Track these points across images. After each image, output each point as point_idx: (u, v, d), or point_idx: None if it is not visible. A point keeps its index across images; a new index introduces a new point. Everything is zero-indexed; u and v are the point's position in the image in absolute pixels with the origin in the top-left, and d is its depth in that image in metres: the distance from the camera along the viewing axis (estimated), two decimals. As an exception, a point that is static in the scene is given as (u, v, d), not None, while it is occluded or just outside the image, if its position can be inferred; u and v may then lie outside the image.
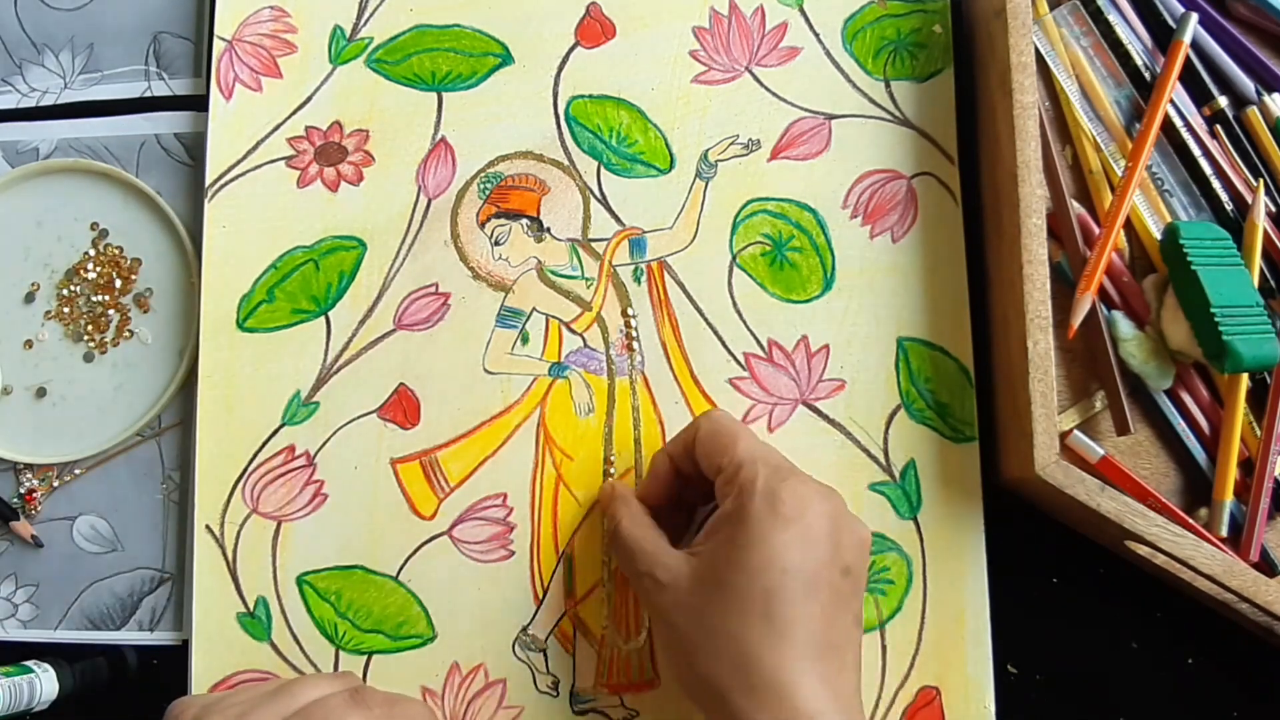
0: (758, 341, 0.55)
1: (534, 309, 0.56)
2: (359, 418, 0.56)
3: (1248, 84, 0.55)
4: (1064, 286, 0.53)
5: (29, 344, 0.60)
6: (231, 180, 0.58)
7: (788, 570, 0.43)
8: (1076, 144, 0.55)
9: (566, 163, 0.57)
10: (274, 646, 0.54)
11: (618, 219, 0.57)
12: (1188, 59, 0.54)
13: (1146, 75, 0.55)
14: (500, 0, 0.59)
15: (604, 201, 0.57)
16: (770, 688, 0.42)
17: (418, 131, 0.58)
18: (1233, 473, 0.51)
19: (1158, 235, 0.53)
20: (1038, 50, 0.54)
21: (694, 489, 0.50)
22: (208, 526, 0.55)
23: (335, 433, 0.56)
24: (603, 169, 0.57)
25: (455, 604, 0.53)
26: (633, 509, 0.50)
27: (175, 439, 0.58)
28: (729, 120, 0.57)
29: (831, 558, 0.44)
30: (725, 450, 0.46)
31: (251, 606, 0.55)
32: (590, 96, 0.58)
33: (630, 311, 0.56)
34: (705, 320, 0.55)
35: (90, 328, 0.60)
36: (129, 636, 0.57)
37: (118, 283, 0.60)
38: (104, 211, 0.61)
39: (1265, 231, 0.53)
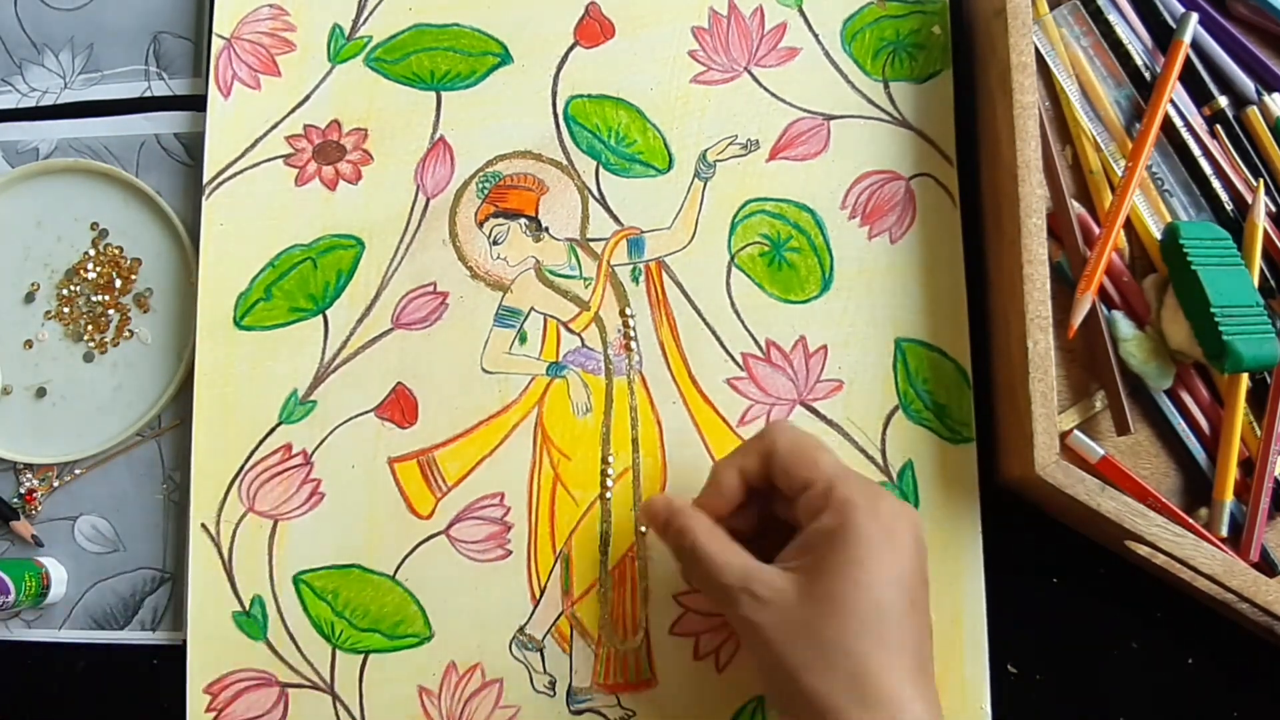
0: (756, 342, 0.55)
1: (532, 308, 0.56)
2: (356, 416, 0.56)
3: (1248, 84, 0.55)
4: (1064, 286, 0.53)
5: (29, 344, 0.60)
6: (229, 178, 0.58)
7: (894, 585, 0.43)
8: (1076, 144, 0.55)
9: (565, 162, 0.58)
10: (270, 645, 0.54)
11: (616, 219, 0.57)
12: (1188, 59, 0.54)
13: (1146, 75, 0.55)
14: (499, 0, 0.59)
15: (602, 201, 0.57)
16: (885, 704, 0.41)
17: (416, 130, 0.58)
18: (1233, 473, 0.51)
19: (1158, 235, 0.53)
20: (1038, 50, 0.54)
21: (749, 512, 0.49)
22: (203, 525, 0.55)
23: (332, 431, 0.56)
24: (601, 169, 0.57)
25: (452, 603, 0.53)
26: (704, 522, 0.48)
27: (175, 439, 0.58)
28: (728, 120, 0.57)
29: (922, 572, 0.44)
30: (812, 466, 0.46)
31: (247, 605, 0.55)
32: (589, 96, 0.58)
33: (628, 311, 0.56)
34: (703, 320, 0.55)
35: (90, 328, 0.60)
36: (132, 636, 0.57)
37: (118, 283, 0.60)
38: (104, 211, 0.61)
39: (1265, 231, 0.53)
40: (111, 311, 0.60)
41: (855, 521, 0.43)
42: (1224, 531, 0.51)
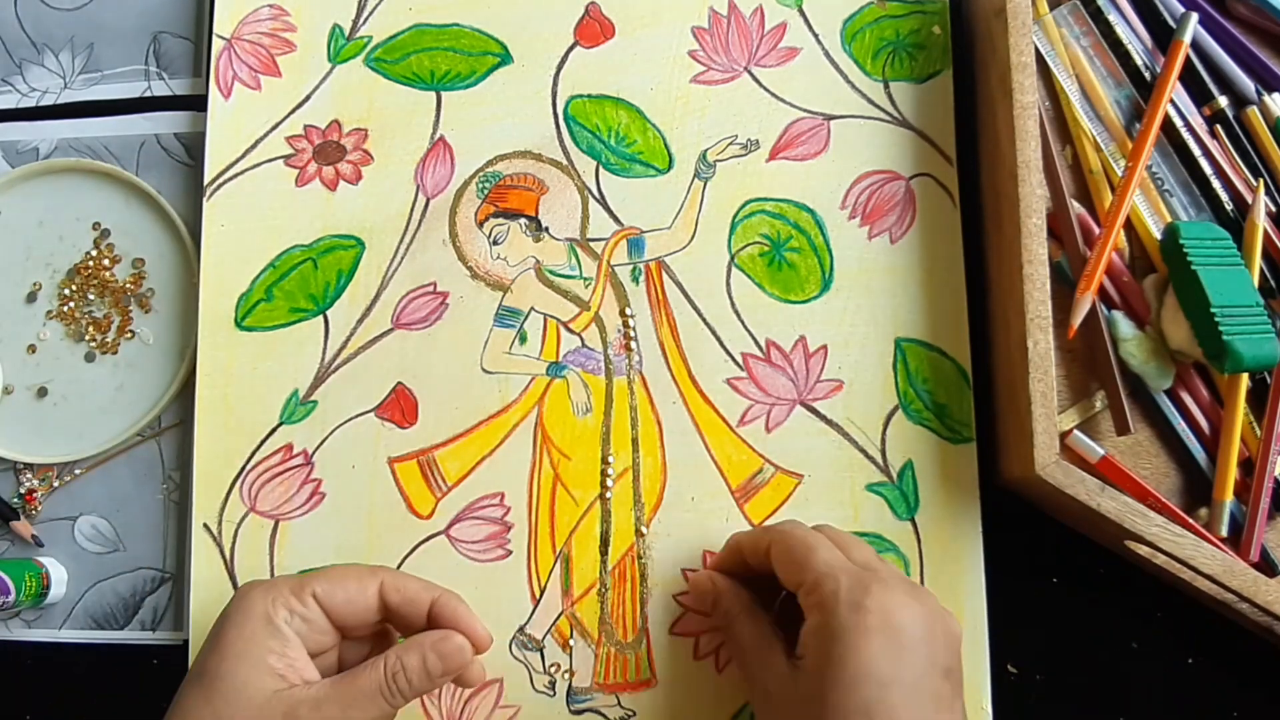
0: (756, 342, 0.55)
1: (532, 308, 0.56)
2: (357, 417, 0.56)
3: (1248, 84, 0.55)
4: (1064, 286, 0.53)
5: (32, 349, 0.60)
6: (230, 179, 0.58)
7: (886, 683, 0.41)
8: (1076, 144, 0.55)
9: (565, 162, 0.58)
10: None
11: (616, 219, 0.57)
12: (1188, 59, 0.54)
13: (1146, 75, 0.55)
14: (499, 0, 0.59)
15: (602, 201, 0.57)
16: None
17: (416, 130, 0.58)
18: (1233, 473, 0.51)
19: (1158, 235, 0.53)
20: (1038, 50, 0.54)
21: (760, 585, 0.50)
22: (205, 525, 0.55)
23: (333, 432, 0.56)
24: (601, 169, 0.57)
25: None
26: (744, 600, 0.49)
27: (175, 439, 0.58)
28: (728, 120, 0.57)
29: (929, 662, 0.42)
30: (802, 563, 0.45)
31: (249, 605, 0.55)
32: (589, 96, 0.58)
33: (628, 311, 0.56)
34: (703, 320, 0.55)
35: (91, 328, 0.60)
36: (132, 636, 0.57)
37: (119, 283, 0.60)
38: (106, 211, 0.61)
39: (1265, 231, 0.53)
40: (113, 312, 0.60)
41: (836, 620, 0.43)
42: (1224, 531, 0.51)
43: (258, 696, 0.44)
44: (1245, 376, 0.51)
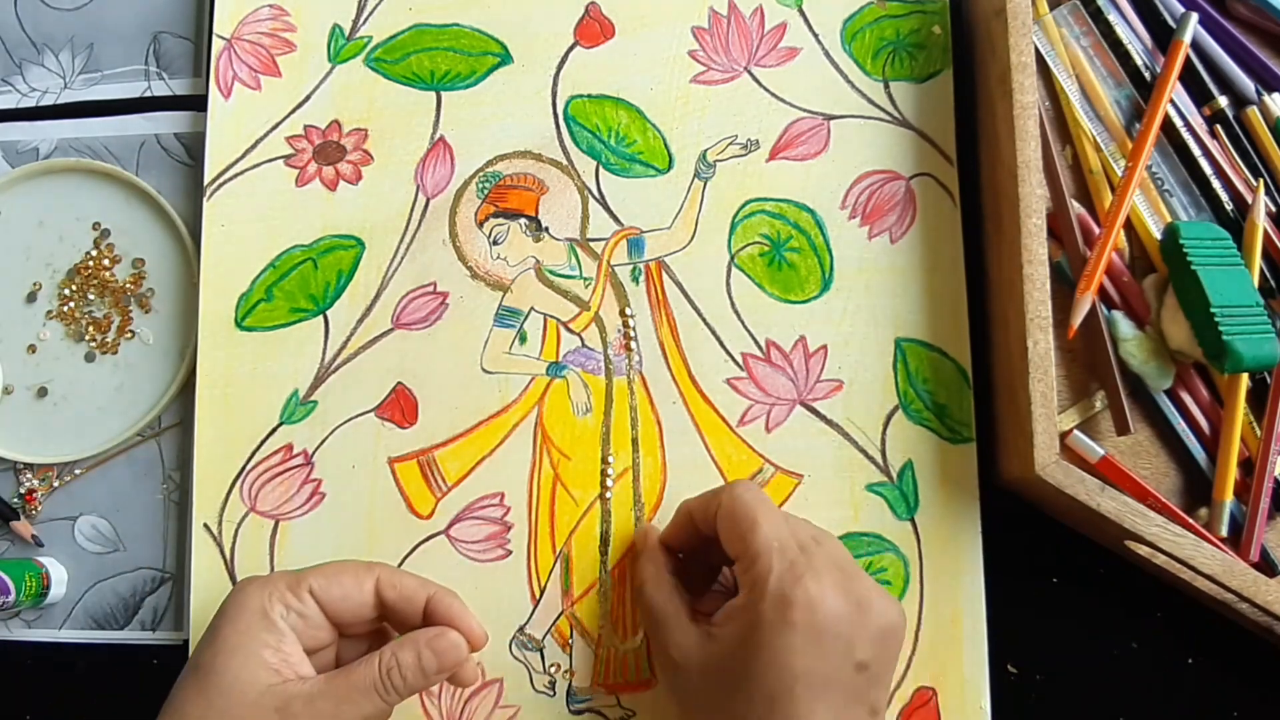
0: (756, 342, 0.55)
1: (532, 308, 0.56)
2: (357, 417, 0.56)
3: (1248, 84, 0.55)
4: (1064, 286, 0.53)
5: (32, 349, 0.60)
6: (230, 179, 0.58)
7: (795, 675, 0.41)
8: (1076, 144, 0.55)
9: (565, 162, 0.58)
10: (271, 645, 0.54)
11: (616, 219, 0.57)
12: (1188, 59, 0.54)
13: (1146, 75, 0.55)
14: (499, 0, 0.59)
15: (602, 201, 0.57)
16: None
17: (416, 130, 0.58)
18: (1233, 473, 0.51)
19: (1158, 235, 0.53)
20: (1038, 50, 0.54)
21: (716, 548, 0.49)
22: (205, 525, 0.55)
23: (333, 432, 0.56)
24: (601, 169, 0.57)
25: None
26: (657, 566, 0.49)
27: (175, 439, 0.58)
28: (728, 120, 0.57)
29: (844, 656, 0.42)
30: (743, 536, 0.45)
31: (249, 605, 0.55)
32: (589, 96, 0.58)
33: (628, 311, 0.56)
34: (703, 320, 0.55)
35: (91, 328, 0.60)
36: (132, 636, 0.57)
37: (119, 283, 0.60)
38: (106, 211, 0.61)
39: (1265, 231, 0.53)
40: (113, 312, 0.60)
41: (759, 607, 0.43)
42: (1224, 531, 0.51)
43: (251, 690, 0.44)
44: (1245, 376, 0.51)
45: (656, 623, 0.47)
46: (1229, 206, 0.54)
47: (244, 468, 0.56)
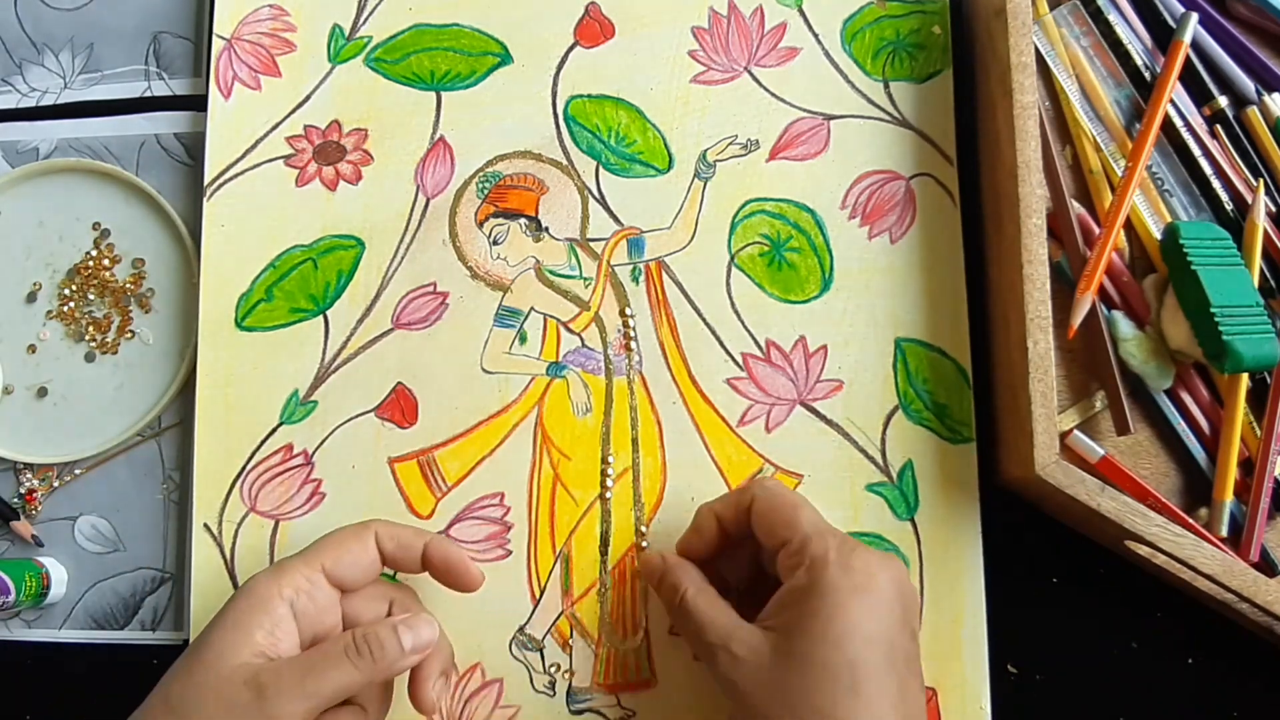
0: (756, 342, 0.55)
1: (532, 308, 0.56)
2: (357, 417, 0.56)
3: (1248, 84, 0.55)
4: (1064, 286, 0.53)
5: (32, 349, 0.60)
6: (230, 179, 0.58)
7: (870, 640, 0.42)
8: (1076, 144, 0.55)
9: (565, 162, 0.58)
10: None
11: (616, 219, 0.57)
12: (1188, 59, 0.54)
13: (1146, 75, 0.55)
14: (499, 0, 0.59)
15: (602, 201, 0.57)
16: None
17: (416, 131, 0.58)
18: (1233, 473, 0.51)
19: (1158, 235, 0.53)
20: (1038, 50, 0.54)
21: (737, 556, 0.50)
22: (205, 525, 0.55)
23: (333, 432, 0.56)
24: (601, 169, 0.57)
25: (452, 603, 0.53)
26: (695, 577, 0.49)
27: (175, 439, 0.58)
28: (728, 120, 0.57)
29: (903, 623, 0.44)
30: (789, 523, 0.46)
31: (249, 605, 0.55)
32: (589, 96, 0.58)
33: (628, 311, 0.56)
34: (703, 320, 0.55)
35: (91, 328, 0.60)
36: (132, 636, 0.57)
37: (120, 283, 0.60)
38: (106, 211, 0.61)
39: (1265, 231, 0.53)
40: (113, 312, 0.60)
41: (826, 578, 0.43)
42: (1224, 531, 0.51)
43: (228, 665, 0.44)
44: (1245, 376, 0.51)
45: (708, 626, 0.46)
46: (1229, 206, 0.53)
47: (244, 468, 0.56)
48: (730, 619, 0.46)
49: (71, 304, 0.60)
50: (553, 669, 0.53)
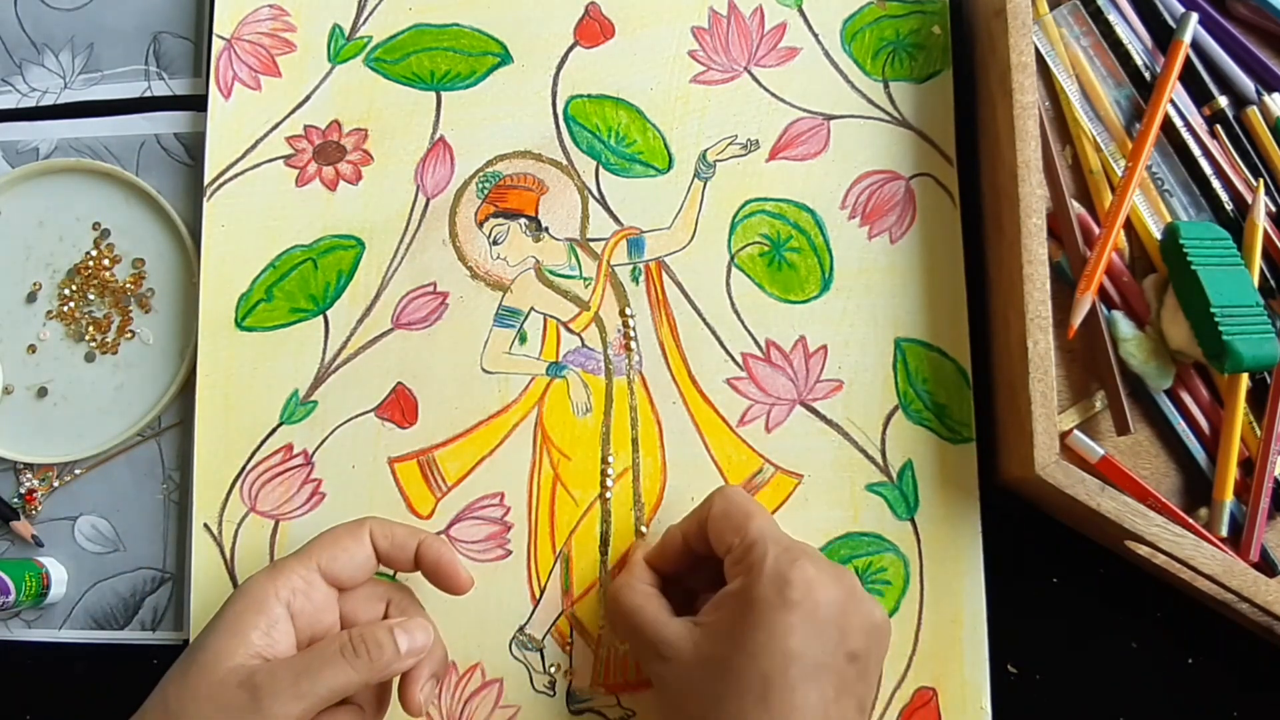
0: (755, 342, 0.55)
1: (532, 308, 0.56)
2: (357, 417, 0.56)
3: (1248, 84, 0.55)
4: (1064, 286, 0.53)
5: (32, 349, 0.60)
6: (230, 179, 0.58)
7: (790, 655, 0.42)
8: (1076, 144, 0.55)
9: (565, 162, 0.58)
10: (271, 645, 0.54)
11: (616, 219, 0.57)
12: (1188, 59, 0.54)
13: (1146, 75, 0.55)
14: (499, 0, 0.59)
15: (602, 201, 0.57)
16: None
17: (416, 131, 0.58)
18: (1233, 473, 0.51)
19: (1158, 235, 0.53)
20: (1038, 50, 0.54)
21: (703, 571, 0.49)
22: (205, 525, 0.55)
23: (333, 432, 0.56)
24: (601, 169, 0.57)
25: (452, 603, 0.53)
26: (635, 574, 0.49)
27: (175, 439, 0.58)
28: (728, 120, 0.57)
29: (838, 644, 0.43)
30: (738, 529, 0.46)
31: (249, 605, 0.55)
32: (589, 96, 0.58)
33: (628, 311, 0.56)
34: (703, 320, 0.55)
35: (91, 328, 0.60)
36: (132, 636, 0.57)
37: (120, 283, 0.60)
38: (106, 211, 0.61)
39: (1265, 231, 0.53)
40: (113, 312, 0.60)
41: (757, 587, 0.43)
42: (1224, 531, 0.51)
43: (223, 667, 0.44)
44: (1245, 376, 0.51)
45: (639, 623, 0.47)
46: (1229, 206, 0.54)
47: (244, 468, 0.56)
48: (659, 615, 0.46)
49: (71, 304, 0.60)
50: (553, 669, 0.53)
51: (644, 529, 0.54)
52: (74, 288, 0.60)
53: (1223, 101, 0.55)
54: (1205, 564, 0.48)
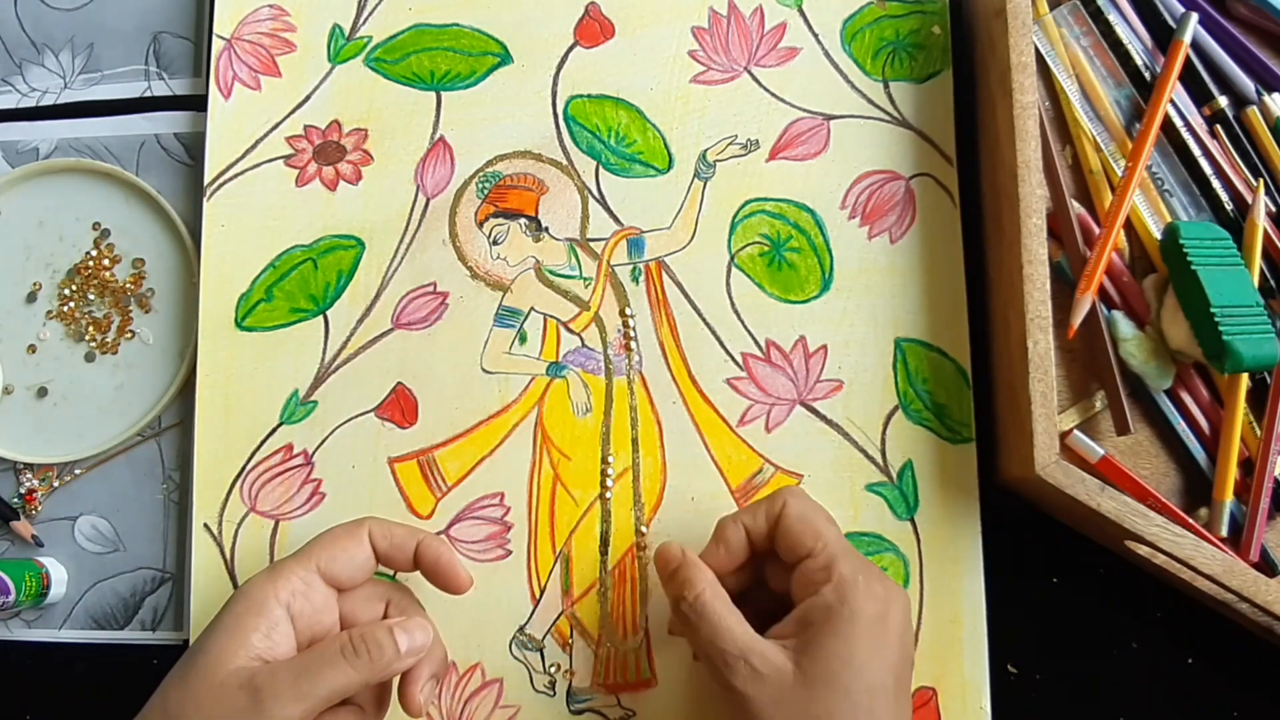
0: (755, 342, 0.55)
1: (532, 308, 0.56)
2: (357, 417, 0.56)
3: (1248, 84, 0.55)
4: (1064, 286, 0.53)
5: (32, 349, 0.60)
6: (230, 179, 0.58)
7: (887, 667, 0.43)
8: (1076, 144, 0.55)
9: (565, 162, 0.58)
10: (271, 645, 0.54)
11: (616, 219, 0.57)
12: (1188, 59, 0.54)
13: (1146, 75, 0.55)
14: (499, 0, 0.59)
15: (602, 201, 0.57)
16: None
17: (416, 131, 0.58)
18: (1233, 473, 0.51)
19: (1158, 235, 0.53)
20: (1038, 50, 0.54)
21: (744, 571, 0.49)
22: (205, 525, 0.55)
23: (333, 432, 0.56)
24: (601, 169, 0.57)
25: (452, 603, 0.53)
26: (711, 579, 0.47)
27: (175, 439, 0.58)
28: (728, 120, 0.57)
29: (908, 655, 0.45)
30: (816, 537, 0.46)
31: (249, 605, 0.55)
32: (589, 96, 0.58)
33: (628, 311, 0.56)
34: (703, 320, 0.55)
35: (91, 328, 0.60)
36: (132, 636, 0.57)
37: (120, 283, 0.60)
38: (106, 211, 0.61)
39: (1265, 231, 0.52)
40: (113, 312, 0.60)
41: (853, 602, 0.43)
42: (1224, 531, 0.51)
43: (224, 670, 0.44)
44: (1245, 376, 0.51)
45: (725, 634, 0.45)
46: (1229, 206, 0.53)
47: (244, 468, 0.56)
48: (747, 630, 0.45)
49: (71, 304, 0.60)
50: (553, 669, 0.53)
51: (644, 529, 0.54)
52: (74, 288, 0.60)
53: (1223, 101, 0.55)
54: (1205, 564, 0.48)
